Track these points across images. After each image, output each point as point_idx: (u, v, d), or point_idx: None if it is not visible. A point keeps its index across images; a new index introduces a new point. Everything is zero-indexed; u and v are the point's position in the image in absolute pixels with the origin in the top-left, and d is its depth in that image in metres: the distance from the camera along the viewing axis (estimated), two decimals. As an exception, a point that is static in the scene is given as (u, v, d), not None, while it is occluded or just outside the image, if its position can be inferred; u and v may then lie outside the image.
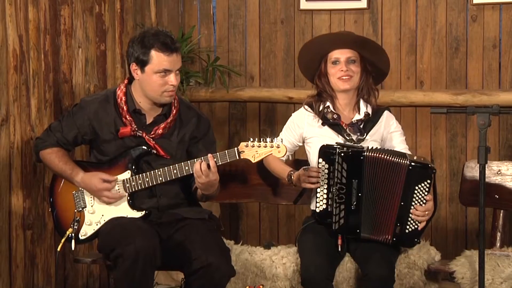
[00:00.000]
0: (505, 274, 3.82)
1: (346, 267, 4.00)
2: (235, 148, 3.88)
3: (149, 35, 3.92)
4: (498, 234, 4.31)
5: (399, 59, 5.24)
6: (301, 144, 4.23)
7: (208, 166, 3.84)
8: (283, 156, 3.89)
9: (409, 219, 3.94)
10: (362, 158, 3.93)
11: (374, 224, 3.95)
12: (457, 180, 4.67)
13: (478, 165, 3.58)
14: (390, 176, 3.92)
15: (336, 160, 3.93)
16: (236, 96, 5.57)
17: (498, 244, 4.28)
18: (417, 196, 3.92)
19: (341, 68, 4.07)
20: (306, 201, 4.28)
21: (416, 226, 3.95)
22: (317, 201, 4.00)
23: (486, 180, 3.64)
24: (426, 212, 3.93)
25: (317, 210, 4.01)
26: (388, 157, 3.92)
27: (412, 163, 3.90)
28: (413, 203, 3.92)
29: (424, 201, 3.92)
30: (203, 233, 3.92)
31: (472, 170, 4.35)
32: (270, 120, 5.57)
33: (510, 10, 4.92)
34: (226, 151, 3.89)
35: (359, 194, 3.94)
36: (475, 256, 3.84)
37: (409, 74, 5.22)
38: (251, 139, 3.88)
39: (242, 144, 3.89)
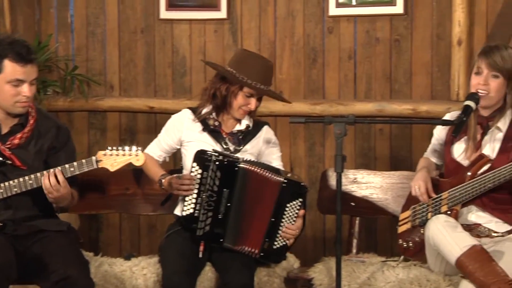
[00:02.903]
0: (361, 280, 3.91)
1: (207, 277, 4.00)
2: (93, 157, 3.83)
3: (4, 44, 3.82)
4: (354, 241, 4.42)
5: (258, 70, 5.29)
6: (178, 147, 4.20)
7: (58, 180, 3.79)
8: (142, 164, 3.87)
9: (278, 235, 3.98)
10: (236, 169, 3.95)
11: (240, 235, 3.97)
12: (315, 189, 4.74)
13: (335, 173, 3.65)
14: (263, 190, 3.96)
15: (211, 167, 3.93)
16: (95, 105, 5.49)
17: (354, 251, 4.39)
18: (288, 213, 3.97)
19: (251, 105, 4.07)
20: (168, 210, 4.27)
21: (284, 243, 3.99)
22: (185, 204, 3.98)
23: (343, 188, 3.73)
24: (296, 230, 3.98)
25: (184, 213, 3.99)
26: (261, 171, 3.97)
27: (286, 180, 3.95)
28: (283, 220, 3.97)
29: (295, 219, 3.98)
30: (61, 245, 3.84)
31: (329, 179, 4.46)
32: (131, 130, 5.52)
33: (364, 23, 5.07)
34: (83, 160, 3.84)
35: (228, 204, 3.95)
36: (333, 263, 3.92)
37: (268, 84, 5.28)
38: (109, 148, 3.84)
39: (100, 152, 3.84)
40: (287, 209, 3.97)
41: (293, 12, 5.21)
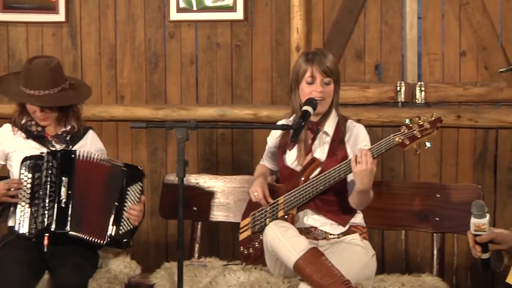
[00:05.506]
0: (203, 284, 3.93)
1: (45, 285, 3.92)
2: None
3: None
4: (196, 245, 4.45)
5: (99, 74, 5.23)
6: (3, 163, 4.15)
7: None
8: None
9: (123, 219, 4.01)
10: (73, 156, 3.98)
11: (85, 223, 3.95)
12: (158, 194, 4.73)
13: (177, 178, 3.65)
14: (104, 177, 4.00)
15: (46, 159, 3.93)
16: None
17: (196, 255, 4.41)
18: (130, 197, 4.03)
19: (36, 113, 4.07)
20: (4, 219, 4.14)
21: (130, 227, 4.02)
22: (20, 214, 3.93)
23: (185, 192, 3.73)
24: (140, 211, 4.03)
25: (18, 222, 3.93)
26: (101, 160, 4.04)
27: (126, 165, 4.06)
28: (126, 204, 4.02)
29: (137, 203, 4.05)
30: None
31: (171, 184, 4.45)
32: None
33: (205, 28, 5.09)
34: None
35: (69, 192, 3.94)
36: (175, 268, 3.92)
37: (109, 88, 5.23)
38: None
39: None
40: (128, 193, 4.03)
41: (133, 17, 5.17)
